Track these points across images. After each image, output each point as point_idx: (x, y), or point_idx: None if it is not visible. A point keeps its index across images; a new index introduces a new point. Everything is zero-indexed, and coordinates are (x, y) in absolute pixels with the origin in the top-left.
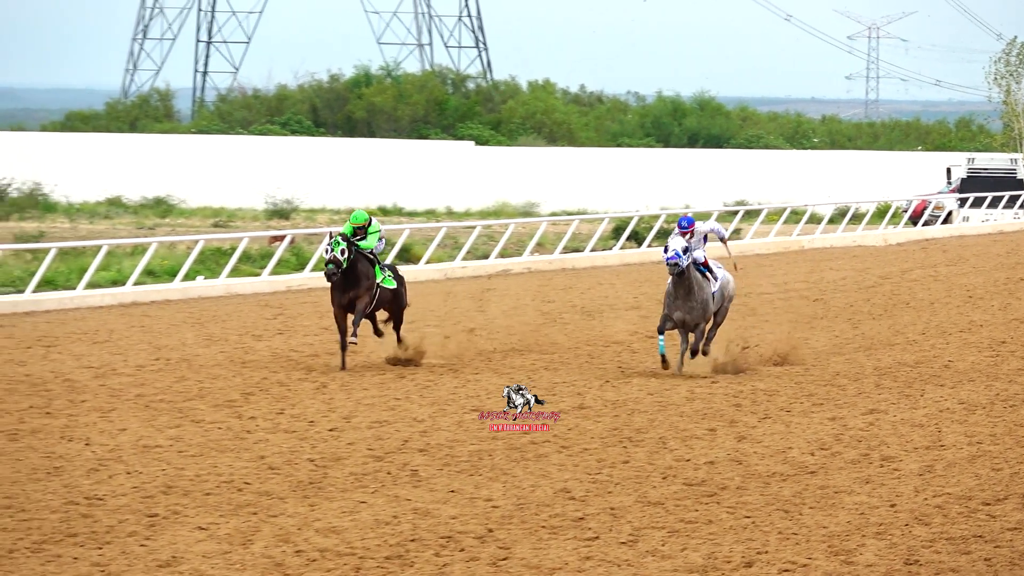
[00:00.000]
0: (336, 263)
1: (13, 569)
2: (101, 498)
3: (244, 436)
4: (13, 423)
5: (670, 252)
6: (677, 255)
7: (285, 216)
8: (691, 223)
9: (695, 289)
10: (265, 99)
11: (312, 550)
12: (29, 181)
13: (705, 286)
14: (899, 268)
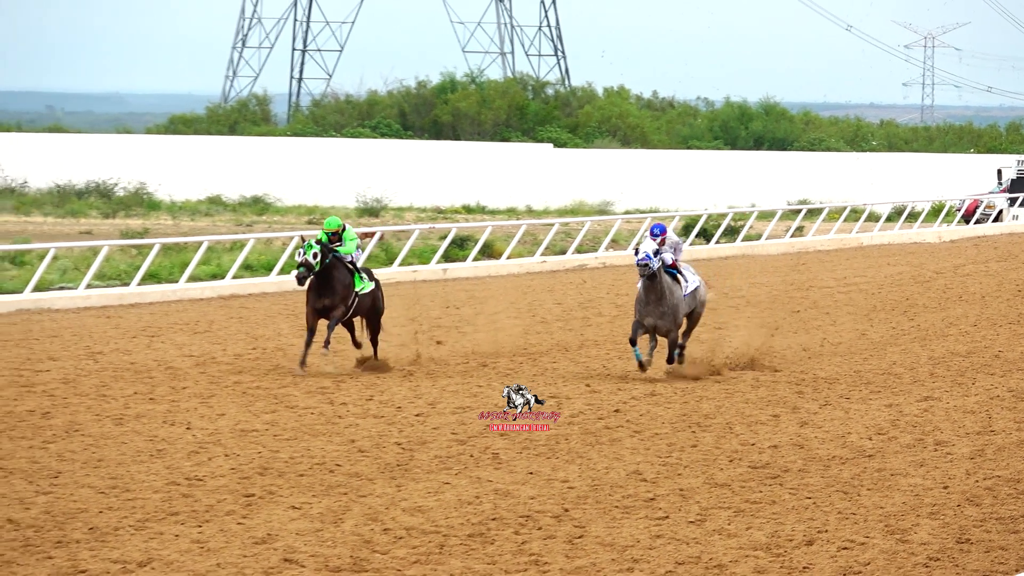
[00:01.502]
0: (307, 266)
1: (118, 545)
2: (201, 479)
3: (335, 421)
4: (119, 408)
5: (641, 254)
6: (648, 257)
7: (375, 213)
8: (663, 231)
9: (666, 294)
10: (357, 104)
11: (399, 528)
12: (135, 181)
13: (676, 290)
14: (952, 264)
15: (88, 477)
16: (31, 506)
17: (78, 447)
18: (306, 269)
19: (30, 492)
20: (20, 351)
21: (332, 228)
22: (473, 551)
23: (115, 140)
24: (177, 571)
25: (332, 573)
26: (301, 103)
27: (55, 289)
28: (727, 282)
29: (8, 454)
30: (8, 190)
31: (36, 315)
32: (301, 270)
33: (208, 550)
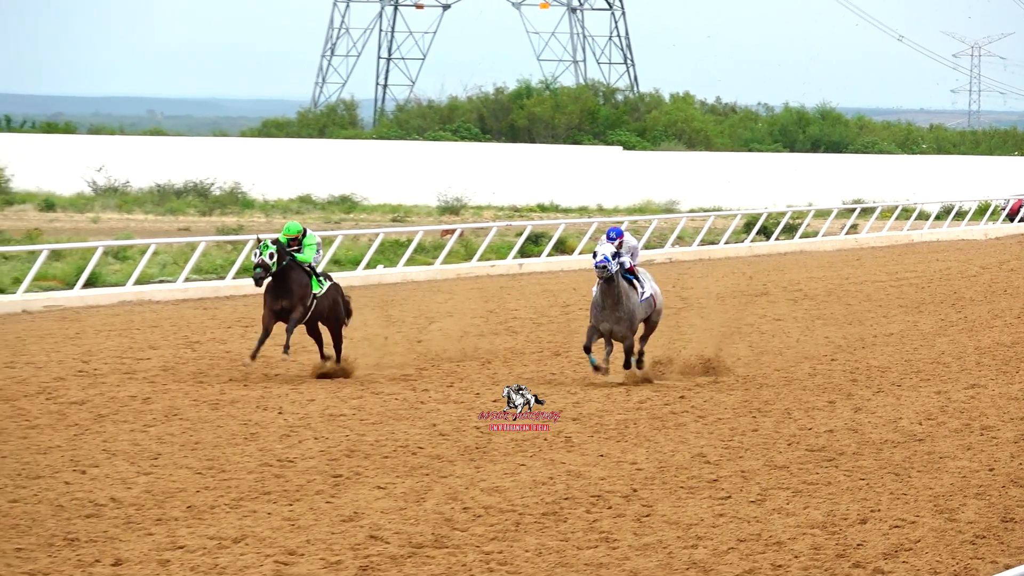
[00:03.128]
0: (264, 267)
1: (214, 523)
2: (292, 460)
3: (418, 406)
4: (215, 394)
5: (599, 256)
6: (606, 259)
7: (455, 212)
8: (620, 234)
9: (623, 299)
10: (438, 109)
11: (477, 507)
12: (230, 180)
13: (632, 295)
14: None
15: (186, 459)
16: (133, 486)
17: (176, 430)
18: (263, 270)
19: (132, 473)
20: (123, 340)
21: (292, 234)
22: (547, 529)
23: (212, 143)
24: (269, 547)
25: (415, 549)
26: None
27: (155, 282)
28: (786, 276)
29: (112, 437)
30: (112, 189)
31: (138, 307)
32: (258, 271)
33: (298, 527)
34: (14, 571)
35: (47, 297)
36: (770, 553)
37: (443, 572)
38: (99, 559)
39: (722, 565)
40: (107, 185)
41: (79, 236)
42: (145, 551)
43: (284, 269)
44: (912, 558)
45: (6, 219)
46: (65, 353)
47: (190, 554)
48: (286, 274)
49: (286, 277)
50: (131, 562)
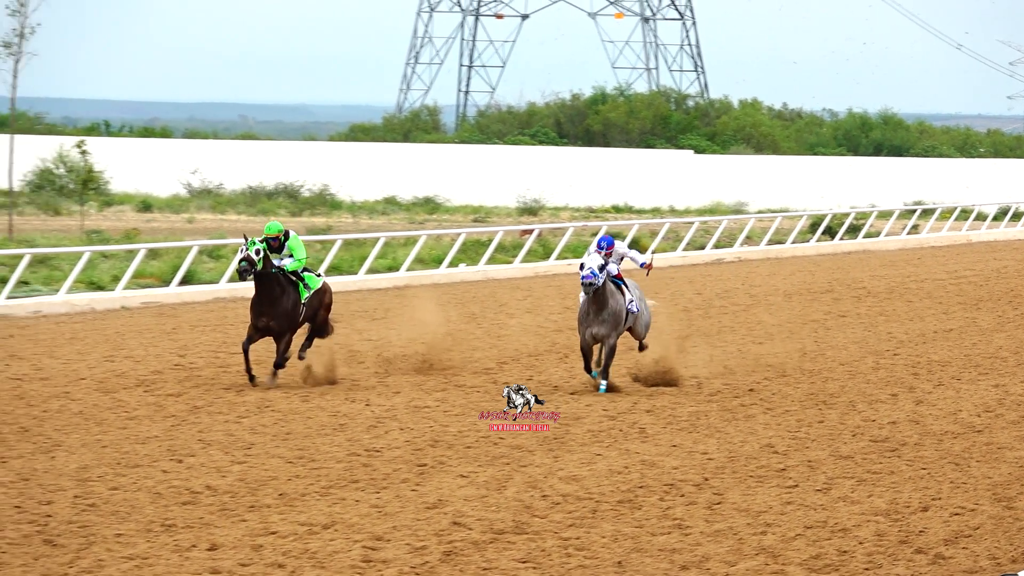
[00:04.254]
0: (249, 261)
1: (305, 509)
2: (379, 450)
3: (499, 399)
4: (305, 387)
5: (586, 271)
6: (594, 274)
7: (534, 213)
8: (611, 244)
9: (609, 301)
10: (517, 114)
11: (556, 495)
12: (319, 183)
13: (618, 296)
14: None
15: (278, 448)
16: (227, 474)
17: (269, 421)
18: (248, 264)
19: (226, 462)
20: (217, 335)
21: (273, 233)
22: (622, 516)
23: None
24: (357, 532)
25: (496, 535)
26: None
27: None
28: (850, 275)
29: (207, 428)
30: (206, 191)
31: (231, 303)
32: (243, 264)
33: (385, 514)
34: (114, 556)
35: (145, 294)
36: (836, 539)
37: (523, 557)
38: (195, 544)
39: (790, 551)
40: (201, 187)
41: (175, 236)
42: (239, 536)
43: (271, 283)
44: (972, 544)
45: (106, 219)
46: (162, 347)
47: (282, 539)
48: (272, 289)
49: (272, 294)
50: (226, 547)
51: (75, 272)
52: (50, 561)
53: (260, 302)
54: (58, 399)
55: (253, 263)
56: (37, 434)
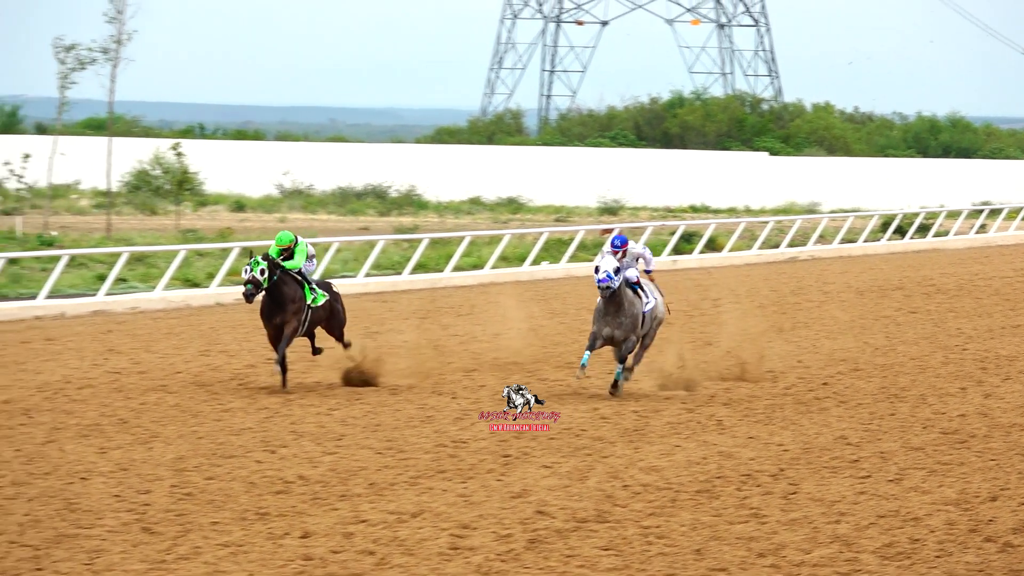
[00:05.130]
0: (255, 283)
1: (394, 498)
2: (465, 441)
3: (580, 391)
4: (393, 381)
5: (601, 274)
6: (609, 277)
7: (613, 212)
8: (624, 243)
9: (625, 305)
10: (597, 117)
11: (636, 484)
12: (406, 184)
13: (636, 302)
14: None
15: (368, 439)
16: (319, 464)
17: (359, 413)
18: (254, 286)
19: (318, 452)
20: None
21: (284, 244)
22: (701, 505)
23: (389, 149)
24: (445, 521)
25: (579, 524)
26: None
27: (338, 277)
28: (920, 272)
29: (299, 419)
30: (297, 191)
31: None
32: (248, 288)
33: (471, 503)
34: (210, 543)
35: (238, 291)
36: (907, 528)
37: (605, 545)
38: (288, 532)
39: (863, 539)
40: (293, 188)
41: (267, 235)
42: (330, 525)
43: (276, 284)
44: None
45: (200, 219)
46: (255, 342)
47: (372, 527)
48: (278, 288)
49: (279, 292)
50: (318, 535)
51: (171, 270)
52: (148, 548)
53: (270, 303)
54: (155, 392)
55: (259, 284)
56: (135, 426)
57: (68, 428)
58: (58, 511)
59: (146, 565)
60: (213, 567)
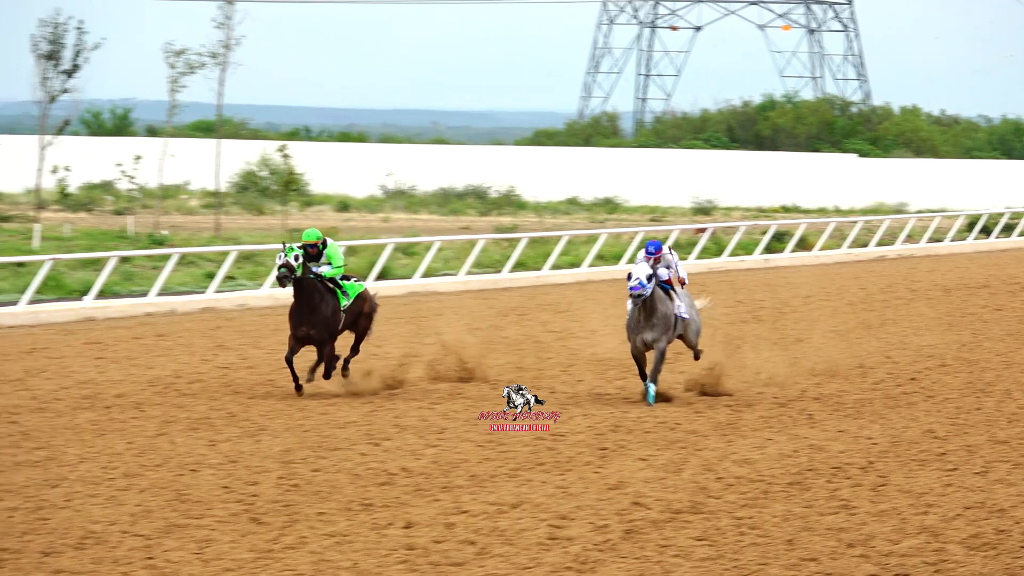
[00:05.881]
0: (288, 267)
1: (494, 490)
2: (563, 435)
3: (675, 386)
4: (493, 374)
5: (633, 281)
6: (642, 285)
7: (706, 212)
8: (658, 248)
9: (658, 306)
10: (691, 120)
11: (730, 477)
12: (505, 184)
13: (667, 302)
14: None
15: (469, 433)
16: (421, 457)
17: (460, 407)
18: (288, 270)
19: (420, 445)
20: (410, 327)
21: (311, 240)
22: (792, 497)
23: (489, 150)
24: (544, 512)
25: (674, 515)
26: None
27: (439, 275)
28: (1005, 271)
29: (402, 413)
30: (400, 192)
31: (423, 297)
32: (282, 271)
33: (569, 494)
34: (316, 533)
35: None
36: (993, 519)
37: (699, 535)
38: (392, 522)
39: (950, 530)
40: (396, 188)
41: (371, 234)
42: (433, 515)
43: (309, 290)
44: None
45: (306, 219)
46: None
47: (473, 518)
48: (311, 297)
49: (311, 301)
50: (420, 525)
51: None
52: (256, 538)
53: (299, 311)
54: (263, 386)
55: (292, 269)
56: (244, 419)
57: (178, 421)
58: (169, 502)
59: (254, 554)
60: (319, 556)
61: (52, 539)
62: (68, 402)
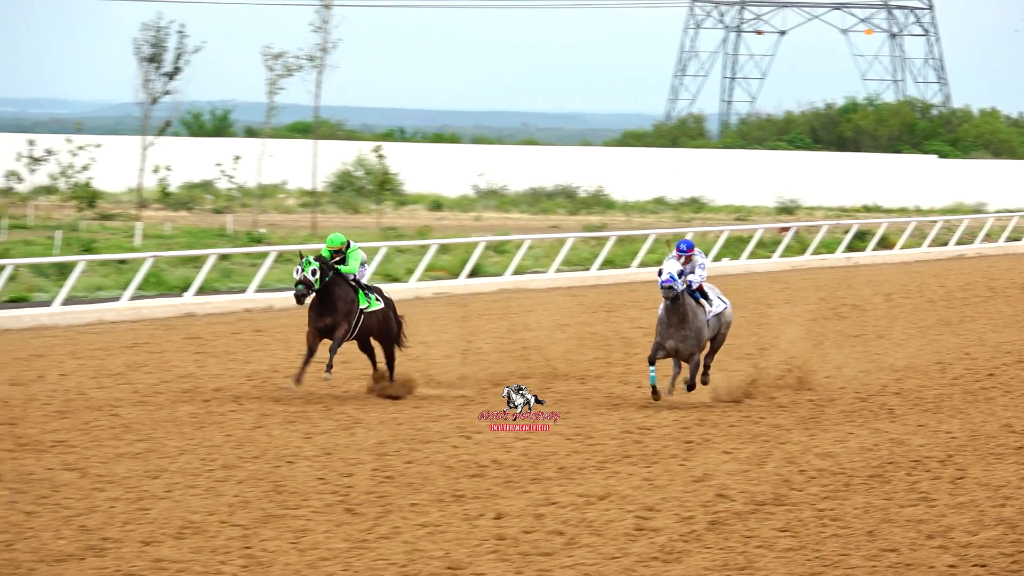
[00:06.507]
0: (306, 284)
1: (582, 482)
2: (649, 428)
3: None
4: (582, 370)
5: (664, 275)
6: (672, 278)
7: (790, 212)
8: (690, 247)
9: (689, 316)
10: (775, 122)
11: (812, 469)
12: (594, 184)
13: (700, 313)
14: None
15: (557, 426)
16: (511, 449)
17: (549, 401)
18: (305, 287)
19: (510, 438)
20: (502, 323)
21: (335, 246)
22: (873, 489)
23: (578, 151)
24: (630, 503)
25: (757, 506)
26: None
27: (530, 273)
28: None
29: (492, 408)
30: (491, 192)
31: (514, 294)
32: (300, 288)
33: (655, 486)
34: (409, 523)
35: (436, 285)
36: None
37: (782, 526)
38: (483, 513)
39: None
40: (487, 188)
41: (463, 232)
42: (522, 506)
43: (328, 284)
44: None
45: (400, 217)
46: (452, 334)
47: (561, 509)
48: (330, 289)
49: (330, 293)
50: (510, 515)
51: (373, 265)
52: (351, 528)
53: (321, 304)
54: (357, 380)
55: (310, 285)
56: (339, 412)
57: (275, 414)
58: (266, 493)
59: (348, 544)
60: (411, 546)
61: (152, 528)
62: (168, 395)
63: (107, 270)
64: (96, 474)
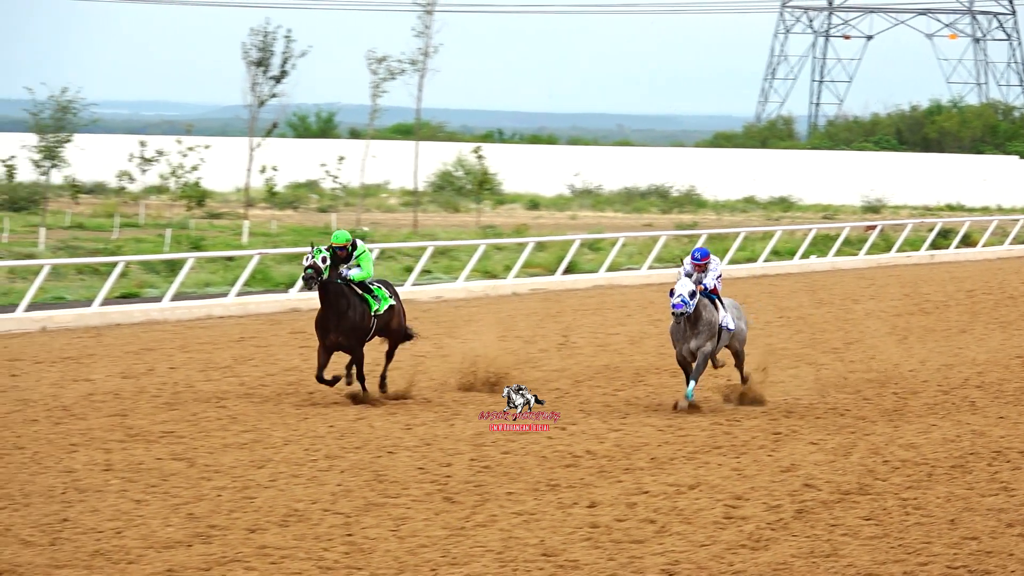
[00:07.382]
0: (315, 269)
1: (673, 472)
2: (738, 420)
3: (847, 376)
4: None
5: (676, 299)
6: (684, 303)
7: (876, 211)
8: (705, 255)
9: (702, 313)
10: (862, 123)
11: (895, 460)
12: (686, 184)
13: (712, 308)
14: None
15: (650, 418)
16: (604, 440)
17: (642, 394)
18: (314, 272)
19: (604, 429)
20: (596, 318)
21: (340, 242)
22: (955, 479)
23: (670, 152)
24: (719, 492)
25: (843, 496)
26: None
27: (623, 270)
28: None
29: (587, 399)
30: (587, 191)
31: (608, 290)
32: (308, 272)
33: (744, 476)
34: (506, 511)
35: (533, 282)
36: None
37: (867, 515)
38: (576, 502)
39: None
40: (583, 188)
41: (559, 230)
42: (615, 495)
43: (337, 296)
44: None
45: (498, 216)
46: (548, 329)
47: (653, 498)
48: (338, 303)
49: (339, 308)
50: (603, 504)
51: (472, 262)
52: (449, 516)
53: (327, 317)
54: (456, 374)
55: (319, 271)
56: (438, 404)
57: (377, 406)
58: (367, 482)
59: (447, 532)
60: (507, 533)
61: (257, 516)
62: (274, 388)
63: (215, 267)
64: (203, 464)
